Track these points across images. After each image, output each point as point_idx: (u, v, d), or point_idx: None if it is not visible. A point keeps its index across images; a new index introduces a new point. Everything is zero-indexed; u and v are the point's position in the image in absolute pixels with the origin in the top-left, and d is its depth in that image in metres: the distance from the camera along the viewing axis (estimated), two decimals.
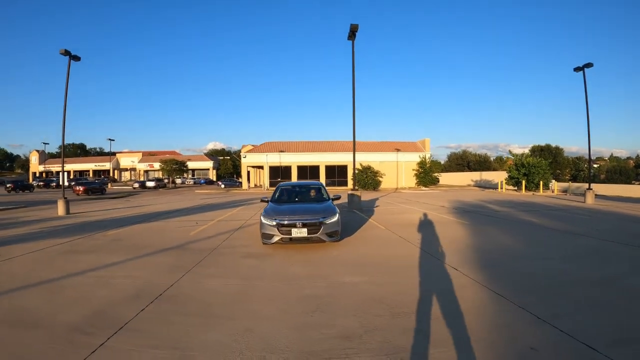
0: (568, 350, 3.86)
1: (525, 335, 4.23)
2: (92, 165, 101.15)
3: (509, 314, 4.91)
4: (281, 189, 12.62)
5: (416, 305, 5.27)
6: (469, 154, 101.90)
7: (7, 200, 30.99)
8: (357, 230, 13.00)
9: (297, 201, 11.87)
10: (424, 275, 6.90)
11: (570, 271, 6.90)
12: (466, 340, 4.15)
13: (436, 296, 5.67)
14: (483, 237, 11.03)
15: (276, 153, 56.60)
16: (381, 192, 41.42)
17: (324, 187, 12.73)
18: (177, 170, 73.76)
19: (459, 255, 8.43)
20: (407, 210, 19.74)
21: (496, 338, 4.20)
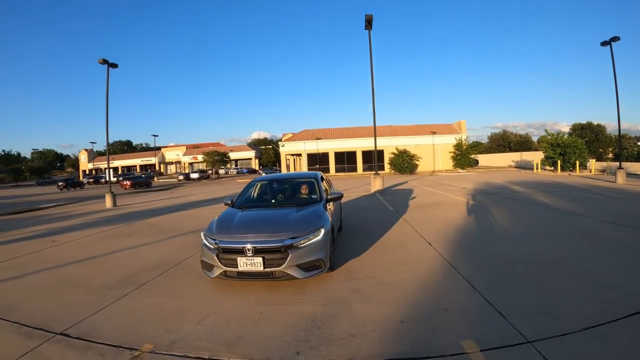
0: (478, 314, 4.61)
1: (450, 300, 5.14)
2: (139, 161, 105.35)
3: (449, 282, 5.88)
4: (255, 185, 8.92)
5: None
6: (510, 134, 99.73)
7: (60, 197, 33.93)
8: (365, 209, 14.77)
9: (274, 204, 7.80)
10: (401, 247, 8.47)
11: (538, 251, 7.40)
12: (396, 298, 5.34)
13: (397, 265, 7.07)
14: (479, 217, 11.52)
15: (313, 141, 57.40)
16: (416, 175, 41.80)
17: (319, 181, 8.49)
18: (220, 161, 75.66)
19: (440, 234, 9.47)
20: (427, 192, 20.34)
21: (422, 298, 5.26)
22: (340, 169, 56.24)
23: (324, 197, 7.75)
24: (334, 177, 46.54)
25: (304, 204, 7.40)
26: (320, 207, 7.09)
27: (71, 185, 56.27)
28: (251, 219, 6.60)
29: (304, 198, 7.93)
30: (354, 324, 4.55)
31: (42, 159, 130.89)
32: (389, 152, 51.58)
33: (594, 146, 63.52)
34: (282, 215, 6.58)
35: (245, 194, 8.46)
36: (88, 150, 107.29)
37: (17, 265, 8.42)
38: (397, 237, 9.42)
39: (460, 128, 56.25)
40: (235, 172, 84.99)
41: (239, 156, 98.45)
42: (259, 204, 7.89)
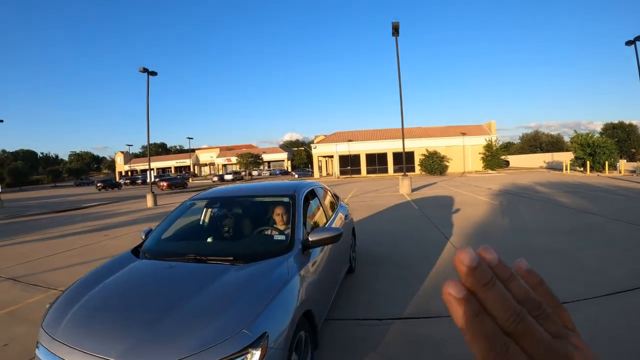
0: None
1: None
2: (174, 162, 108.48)
3: (443, 251, 7.99)
4: (190, 208, 5.28)
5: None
6: (542, 135, 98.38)
7: (101, 197, 36.30)
8: (391, 205, 15.95)
9: (205, 251, 4.26)
10: (420, 236, 9.65)
11: (539, 244, 8.12)
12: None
13: (414, 244, 8.78)
14: (495, 215, 12.14)
15: (345, 142, 58.44)
16: (446, 176, 42.39)
17: (299, 203, 4.60)
18: (253, 162, 77.48)
19: (454, 228, 10.38)
20: (453, 192, 21.23)
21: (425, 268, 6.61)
22: (371, 170, 57.14)
23: (299, 238, 3.98)
24: (365, 179, 47.50)
25: (258, 253, 3.80)
26: (283, 267, 3.45)
27: (109, 186, 59.16)
28: (119, 296, 3.16)
29: (262, 238, 4.48)
30: None
31: (79, 160, 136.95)
32: (420, 154, 52.36)
33: (625, 146, 62.72)
34: (189, 289, 3.08)
35: (170, 222, 4.88)
36: (124, 153, 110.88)
37: (81, 254, 9.59)
38: (412, 226, 10.73)
39: (490, 129, 56.56)
40: (268, 173, 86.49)
41: (271, 158, 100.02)
42: (178, 249, 4.35)
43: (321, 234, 4.00)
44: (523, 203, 14.94)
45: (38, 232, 14.57)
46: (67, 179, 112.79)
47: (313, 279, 3.82)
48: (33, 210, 25.57)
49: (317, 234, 3.99)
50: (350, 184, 37.49)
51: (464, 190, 21.95)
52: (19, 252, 10.42)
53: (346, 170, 58.55)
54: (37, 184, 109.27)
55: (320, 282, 4.06)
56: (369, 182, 38.93)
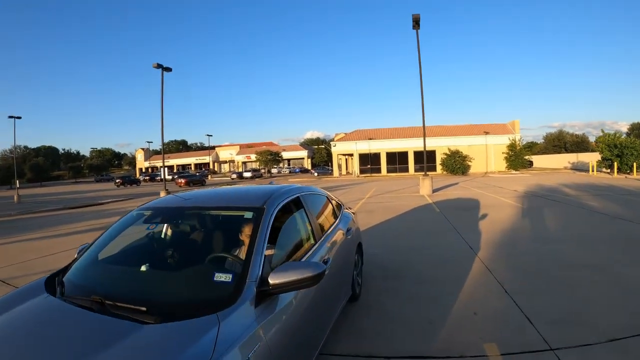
0: (506, 318, 4.62)
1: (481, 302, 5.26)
2: (194, 159, 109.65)
3: (467, 264, 6.92)
4: (137, 220, 3.92)
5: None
6: (566, 135, 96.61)
7: (119, 194, 36.78)
8: (410, 208, 15.15)
9: (135, 279, 3.20)
10: (441, 244, 8.77)
11: (575, 256, 7.15)
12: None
13: (434, 254, 7.83)
14: (522, 220, 11.31)
15: (365, 140, 58.23)
16: (468, 176, 41.82)
17: (266, 222, 3.19)
18: (272, 160, 77.54)
19: (477, 235, 9.49)
20: (475, 194, 20.61)
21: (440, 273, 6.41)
22: (391, 169, 56.73)
23: (253, 279, 2.67)
24: (385, 178, 47.25)
25: (181, 304, 2.62)
26: (206, 339, 2.09)
27: (128, 182, 60.18)
28: None
29: (196, 277, 3.09)
30: None
31: (100, 157, 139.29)
32: (441, 153, 51.81)
33: None
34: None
35: (106, 238, 3.73)
36: (144, 149, 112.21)
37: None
38: (431, 229, 10.26)
39: (513, 128, 55.58)
40: (287, 171, 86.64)
41: (291, 156, 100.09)
42: (88, 282, 3.16)
43: (288, 273, 2.65)
44: (551, 206, 14.14)
45: (45, 229, 14.42)
46: (87, 175, 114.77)
47: (282, 341, 2.63)
48: (48, 206, 25.85)
49: (282, 274, 2.65)
50: (370, 183, 37.10)
51: (488, 192, 21.36)
52: (18, 250, 10.22)
53: (366, 168, 58.13)
54: (58, 179, 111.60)
55: (299, 336, 2.95)
56: (389, 181, 38.71)
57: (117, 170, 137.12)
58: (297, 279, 2.63)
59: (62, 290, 2.98)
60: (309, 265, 2.77)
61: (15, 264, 8.55)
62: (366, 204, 17.99)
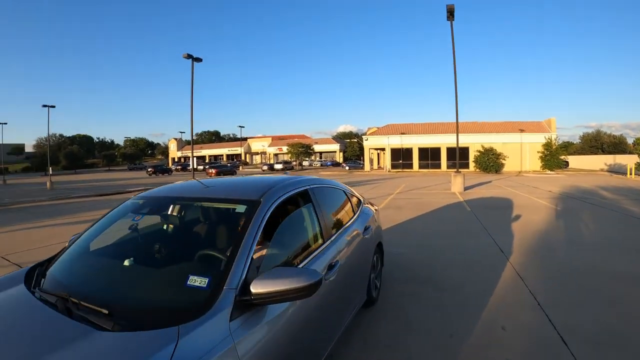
0: (537, 336, 4.18)
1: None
2: (226, 150, 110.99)
3: (497, 269, 6.50)
4: (127, 211, 3.63)
5: None
6: (604, 135, 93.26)
7: (149, 182, 38.25)
8: (440, 206, 14.97)
9: (116, 275, 2.90)
10: (470, 246, 8.32)
11: (619, 267, 6.51)
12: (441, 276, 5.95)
13: (462, 257, 7.37)
14: (555, 223, 10.78)
15: (397, 135, 57.89)
16: (501, 175, 41.05)
17: (262, 213, 2.86)
18: (304, 153, 77.75)
19: (510, 237, 8.97)
20: (509, 193, 20.06)
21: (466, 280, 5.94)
22: (424, 165, 56.33)
23: (233, 286, 2.28)
24: (416, 174, 46.97)
25: (147, 310, 2.26)
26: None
27: (160, 171, 61.44)
28: None
29: (169, 279, 2.70)
30: None
31: (134, 146, 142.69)
32: (474, 150, 51.00)
33: None
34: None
35: (98, 228, 3.48)
36: (177, 139, 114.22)
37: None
38: (459, 229, 10.00)
39: (550, 126, 54.26)
40: (319, 164, 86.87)
41: (323, 149, 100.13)
42: (64, 277, 2.85)
43: (275, 281, 2.24)
44: (589, 210, 13.44)
45: (72, 215, 14.85)
46: (121, 164, 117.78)
47: None
48: (79, 192, 26.67)
49: (268, 282, 2.24)
50: (401, 178, 36.94)
51: (521, 192, 20.81)
52: (42, 235, 10.48)
53: (398, 163, 57.86)
54: (92, 167, 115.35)
55: (292, 353, 2.60)
56: (420, 177, 38.67)
57: (150, 159, 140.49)
58: (284, 289, 2.21)
59: (37, 282, 2.82)
60: (302, 272, 2.34)
61: (37, 248, 8.83)
62: (395, 199, 17.92)
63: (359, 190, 22.15)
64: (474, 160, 50.49)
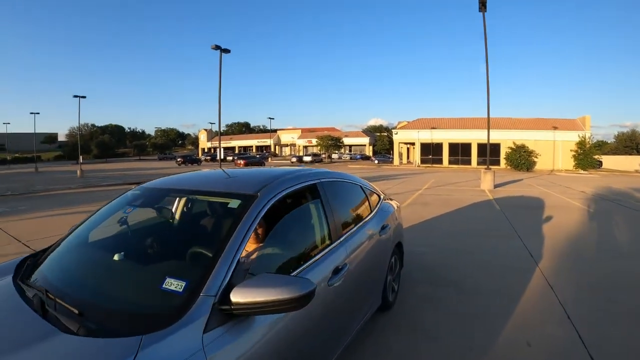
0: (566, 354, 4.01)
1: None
2: (255, 142, 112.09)
3: (526, 275, 6.04)
4: (124, 202, 3.37)
5: None
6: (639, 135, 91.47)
7: (178, 172, 37.76)
8: (468, 204, 14.66)
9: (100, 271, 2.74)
10: (497, 247, 7.92)
11: (636, 273, 6.17)
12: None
13: (489, 260, 6.96)
14: (589, 226, 10.24)
15: (428, 130, 57.73)
16: (533, 173, 40.43)
17: (256, 210, 2.56)
18: (333, 145, 77.80)
19: (540, 240, 8.50)
20: (540, 192, 19.52)
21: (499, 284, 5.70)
22: (453, 160, 56.05)
23: (213, 292, 2.02)
24: (446, 169, 46.88)
25: (119, 312, 2.04)
26: None
27: (189, 161, 62.67)
28: None
29: (145, 279, 2.51)
30: None
31: (164, 136, 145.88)
32: (506, 147, 50.23)
33: None
34: None
35: (93, 222, 3.26)
36: (207, 130, 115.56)
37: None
38: (485, 227, 9.83)
39: (584, 124, 52.93)
40: (348, 157, 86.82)
41: (353, 142, 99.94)
42: (48, 271, 2.68)
43: (259, 290, 1.97)
44: (624, 214, 12.64)
45: (98, 202, 14.08)
46: (151, 153, 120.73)
47: None
48: (108, 181, 27.59)
49: (251, 290, 1.98)
50: (430, 173, 36.70)
51: (553, 191, 20.18)
52: (66, 222, 10.06)
53: (427, 159, 57.72)
54: (123, 156, 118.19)
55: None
56: (450, 173, 38.58)
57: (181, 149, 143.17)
58: (269, 299, 1.93)
59: (26, 273, 2.71)
60: (292, 282, 2.03)
61: (59, 235, 9.10)
62: (422, 195, 17.72)
63: (386, 184, 22.71)
64: (505, 157, 49.70)
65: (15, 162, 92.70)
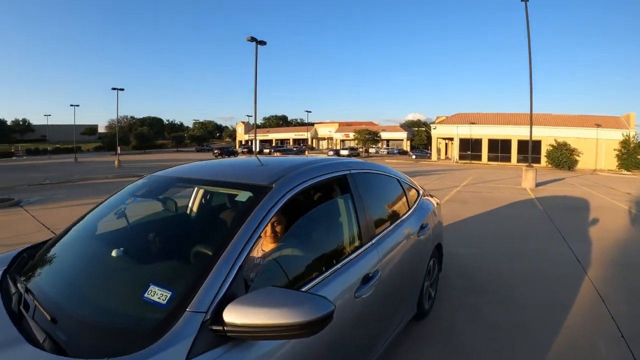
0: None
1: None
2: (292, 135, 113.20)
3: (573, 284, 5.51)
4: (136, 190, 3.02)
5: None
6: None
7: None
8: (509, 202, 14.19)
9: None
10: (542, 251, 7.39)
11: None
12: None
13: (532, 265, 6.49)
14: (638, 231, 9.57)
15: (467, 125, 57.46)
16: (574, 172, 39.52)
17: (268, 204, 2.11)
18: (371, 140, 77.80)
19: (587, 244, 7.95)
20: (584, 193, 18.52)
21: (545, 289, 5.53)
22: (493, 157, 55.57)
23: (202, 309, 1.61)
24: (485, 166, 46.79)
25: (95, 320, 1.74)
26: None
27: (226, 153, 64.27)
28: None
29: (135, 283, 2.07)
30: None
31: (202, 128, 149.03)
32: (547, 144, 49.45)
33: None
34: None
35: (99, 212, 2.89)
36: (245, 123, 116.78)
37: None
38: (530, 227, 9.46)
39: (628, 122, 51.41)
40: (385, 152, 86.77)
41: (390, 136, 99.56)
42: (40, 266, 2.42)
43: (256, 310, 1.55)
44: None
45: None
46: (189, 145, 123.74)
47: None
48: (144, 171, 27.95)
49: (248, 310, 1.56)
50: (468, 170, 36.29)
51: (598, 192, 19.08)
52: None
53: (466, 155, 57.41)
54: (161, 148, 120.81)
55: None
56: (489, 170, 37.87)
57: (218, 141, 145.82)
58: (271, 324, 1.50)
59: (18, 267, 2.47)
60: (303, 300, 1.58)
61: None
62: (461, 192, 17.33)
63: (423, 180, 23.87)
64: (546, 155, 49.00)
65: (56, 153, 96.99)
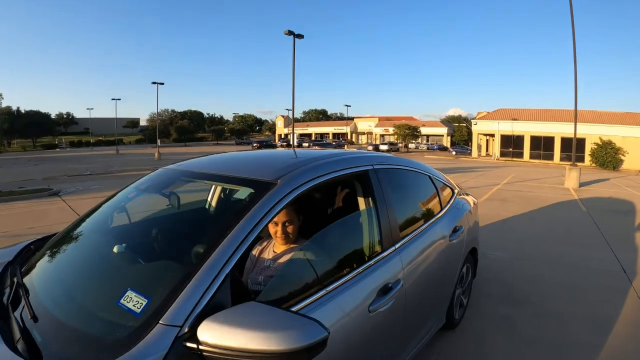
0: None
1: None
2: (332, 129, 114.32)
3: (618, 296, 5.12)
4: (146, 183, 2.95)
5: None
6: None
7: None
8: (551, 203, 13.82)
9: None
10: (585, 258, 6.99)
11: None
12: None
13: (574, 274, 6.09)
14: None
15: (508, 121, 56.82)
16: (620, 172, 38.18)
17: (270, 202, 1.90)
18: (411, 135, 77.66)
19: (635, 253, 7.36)
20: (631, 195, 17.54)
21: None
22: (535, 155, 54.74)
23: (186, 315, 1.44)
24: (526, 164, 46.38)
25: (70, 324, 1.60)
26: None
27: (265, 146, 65.95)
28: None
29: (115, 286, 1.86)
30: None
31: (242, 122, 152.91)
32: (591, 142, 48.26)
33: None
34: None
35: (113, 204, 2.85)
36: (284, 117, 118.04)
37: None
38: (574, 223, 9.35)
39: None
40: (425, 147, 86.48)
41: (430, 132, 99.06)
42: (39, 260, 2.30)
43: (234, 330, 1.31)
44: None
45: None
46: (229, 138, 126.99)
47: None
48: None
49: (224, 327, 1.33)
50: (509, 167, 35.50)
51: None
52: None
53: (507, 152, 56.84)
54: (201, 140, 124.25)
55: None
56: (531, 168, 36.94)
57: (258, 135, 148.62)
58: (248, 349, 1.27)
59: (21, 261, 2.39)
60: (289, 324, 1.35)
61: None
62: (501, 190, 16.92)
63: (462, 177, 24.76)
64: (590, 154, 47.72)
65: (98, 145, 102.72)
